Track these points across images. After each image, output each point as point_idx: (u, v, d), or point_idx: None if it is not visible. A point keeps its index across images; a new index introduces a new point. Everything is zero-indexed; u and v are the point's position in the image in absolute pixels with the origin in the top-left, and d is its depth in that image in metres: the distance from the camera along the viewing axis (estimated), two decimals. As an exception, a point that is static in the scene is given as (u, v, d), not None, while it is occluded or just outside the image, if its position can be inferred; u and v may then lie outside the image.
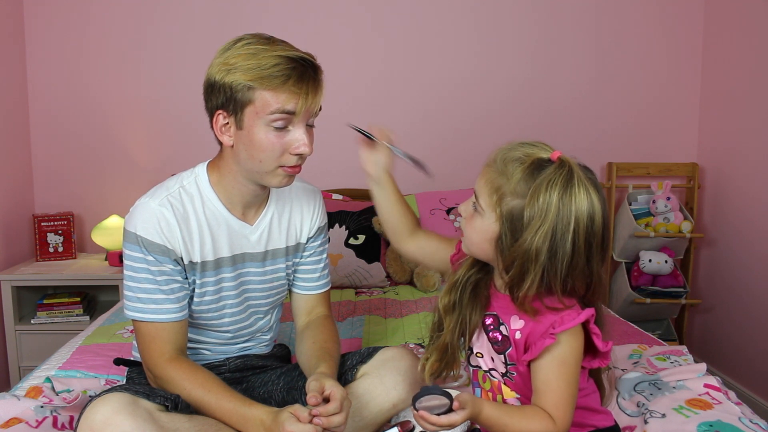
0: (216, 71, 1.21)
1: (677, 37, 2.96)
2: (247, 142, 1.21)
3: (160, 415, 1.10)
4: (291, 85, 1.17)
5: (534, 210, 0.96)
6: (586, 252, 0.97)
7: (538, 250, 0.96)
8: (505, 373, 1.08)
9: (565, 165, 0.97)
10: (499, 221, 1.00)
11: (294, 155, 1.23)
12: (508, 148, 1.03)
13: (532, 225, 0.96)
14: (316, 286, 1.49)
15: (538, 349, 1.00)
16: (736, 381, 2.67)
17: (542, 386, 1.01)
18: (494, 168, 1.03)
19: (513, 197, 0.99)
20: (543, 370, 1.01)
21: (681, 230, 2.76)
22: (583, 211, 0.96)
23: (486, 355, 1.11)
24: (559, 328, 0.99)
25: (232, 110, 1.21)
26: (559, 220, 0.95)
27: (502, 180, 1.00)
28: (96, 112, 2.89)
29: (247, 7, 2.86)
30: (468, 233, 1.07)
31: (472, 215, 1.06)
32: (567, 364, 1.00)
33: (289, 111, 1.19)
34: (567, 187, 0.96)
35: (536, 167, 0.98)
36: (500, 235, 1.00)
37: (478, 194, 1.04)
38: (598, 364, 1.06)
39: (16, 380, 2.52)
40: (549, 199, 0.95)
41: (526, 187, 0.97)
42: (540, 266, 0.96)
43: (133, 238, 1.25)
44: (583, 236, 0.96)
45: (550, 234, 0.95)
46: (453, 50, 2.94)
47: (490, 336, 1.09)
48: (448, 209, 2.72)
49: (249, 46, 1.19)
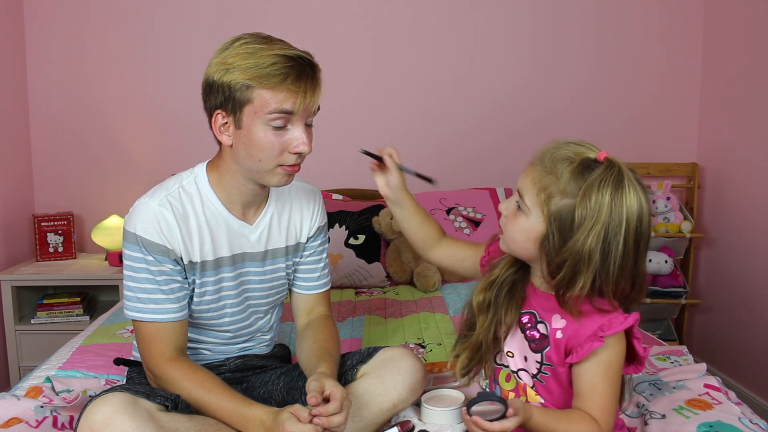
0: (214, 71, 1.21)
1: (677, 37, 2.96)
2: (246, 141, 1.22)
3: (160, 415, 1.10)
4: (289, 84, 1.17)
5: (586, 210, 0.95)
6: (634, 252, 0.97)
7: (591, 252, 0.95)
8: (536, 374, 1.07)
9: (614, 165, 0.97)
10: (547, 221, 0.99)
11: (293, 154, 1.23)
12: (555, 147, 1.02)
13: (585, 226, 0.95)
14: (316, 286, 1.49)
15: (585, 351, 0.99)
16: (736, 381, 2.67)
17: (588, 389, 1.01)
18: (541, 167, 1.01)
19: (562, 197, 0.98)
20: (589, 372, 1.00)
21: (681, 230, 2.76)
22: (634, 211, 0.96)
23: (518, 354, 1.10)
24: (609, 331, 0.98)
25: (230, 110, 1.21)
26: (611, 220, 0.95)
27: (550, 179, 0.99)
28: (96, 112, 2.90)
29: (247, 8, 2.86)
30: (510, 232, 1.06)
31: (516, 214, 1.04)
32: (613, 367, 1.00)
33: (287, 110, 1.19)
34: (618, 187, 0.95)
35: (585, 167, 0.98)
36: (547, 235, 1.00)
37: (523, 193, 1.03)
38: (633, 370, 1.05)
39: (16, 380, 2.52)
40: (601, 199, 0.95)
41: (576, 187, 0.97)
42: (593, 268, 0.96)
43: (133, 238, 1.25)
44: (633, 237, 0.96)
45: (603, 234, 0.95)
46: (451, 50, 2.94)
47: (527, 334, 1.08)
48: (448, 209, 2.72)
49: (247, 46, 1.19)
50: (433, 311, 2.11)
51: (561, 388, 1.06)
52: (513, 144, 2.95)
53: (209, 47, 1.29)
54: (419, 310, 2.13)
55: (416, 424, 1.30)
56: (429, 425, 1.29)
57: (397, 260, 2.51)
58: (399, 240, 2.52)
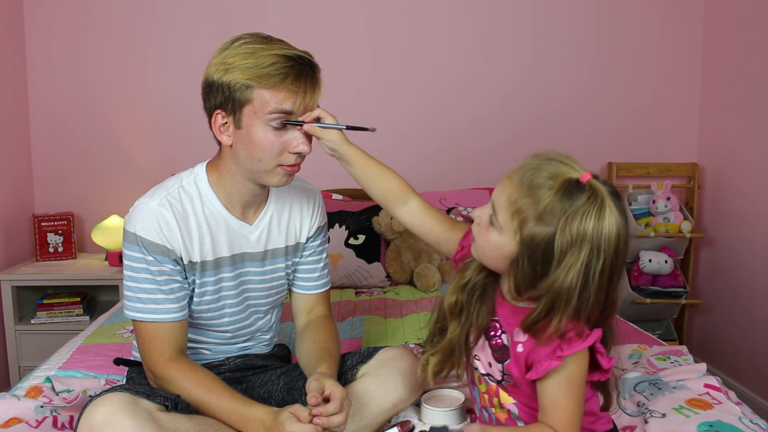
0: (214, 71, 1.21)
1: (677, 37, 2.96)
2: (246, 141, 1.22)
3: (160, 414, 1.10)
4: (289, 83, 1.17)
5: (567, 243, 0.91)
6: (608, 284, 0.94)
7: (571, 290, 0.91)
8: (500, 381, 1.07)
9: (597, 194, 0.91)
10: (519, 245, 0.95)
11: (293, 154, 1.23)
12: (535, 166, 0.96)
13: (565, 262, 0.91)
14: (316, 286, 1.49)
15: (543, 369, 0.96)
16: (736, 381, 2.67)
17: (550, 405, 0.99)
18: (519, 186, 0.96)
19: (537, 223, 0.93)
20: (550, 389, 0.98)
21: (681, 230, 2.75)
22: (612, 241, 0.91)
23: (483, 359, 1.09)
24: (567, 351, 0.95)
25: (230, 110, 1.21)
26: (592, 255, 0.91)
27: (526, 203, 0.94)
28: (96, 112, 2.89)
29: (247, 9, 2.86)
30: (481, 244, 1.02)
31: (488, 227, 1.00)
32: (575, 382, 0.98)
33: (287, 111, 1.19)
34: (600, 219, 0.91)
35: (565, 192, 0.92)
36: (517, 258, 0.96)
37: (497, 210, 0.98)
38: (598, 377, 1.04)
39: (16, 380, 2.52)
40: (583, 232, 0.90)
41: (554, 215, 0.92)
42: (571, 307, 0.92)
43: (133, 238, 1.25)
44: (609, 269, 0.92)
45: (584, 271, 0.91)
46: (451, 50, 2.94)
47: (491, 342, 1.07)
48: (448, 209, 2.72)
49: (246, 46, 1.19)
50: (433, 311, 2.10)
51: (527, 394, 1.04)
52: (513, 144, 2.94)
53: (209, 47, 1.29)
54: (419, 310, 2.13)
55: (416, 424, 1.29)
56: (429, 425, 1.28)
57: (397, 260, 2.51)
58: (399, 240, 2.53)
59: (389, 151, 2.97)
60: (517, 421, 1.07)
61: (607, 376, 1.04)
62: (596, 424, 1.10)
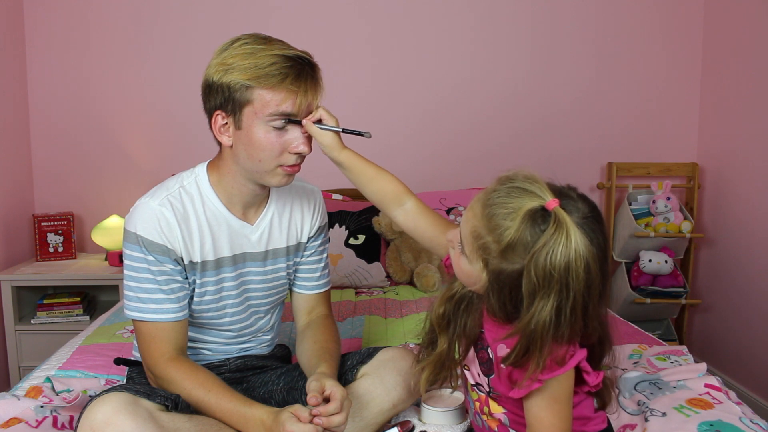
0: (214, 71, 1.21)
1: (677, 37, 2.96)
2: (246, 141, 1.22)
3: (161, 414, 1.10)
4: (289, 84, 1.17)
5: (533, 285, 0.87)
6: (582, 312, 0.90)
7: (545, 327, 0.88)
8: (488, 392, 1.06)
9: (561, 226, 0.86)
10: (487, 278, 0.93)
11: (293, 154, 1.23)
12: (497, 199, 0.92)
13: (535, 305, 0.88)
14: (317, 286, 1.49)
15: (525, 389, 0.94)
16: (736, 381, 2.67)
17: (535, 422, 0.98)
18: (481, 221, 0.93)
19: (501, 260, 0.90)
20: (534, 408, 0.97)
21: (681, 230, 2.76)
22: (581, 276, 0.87)
23: (473, 370, 1.08)
24: (547, 375, 0.92)
25: (230, 110, 1.21)
26: (562, 294, 0.87)
27: (489, 239, 0.91)
28: (96, 113, 2.89)
29: (247, 12, 2.86)
30: (455, 267, 1.01)
31: (459, 254, 0.99)
32: (559, 401, 0.96)
33: (287, 113, 1.19)
34: (565, 253, 0.86)
35: (528, 226, 0.88)
36: (487, 291, 0.94)
37: (464, 242, 0.96)
38: (588, 389, 1.02)
39: (16, 380, 2.52)
40: (548, 273, 0.86)
41: (516, 253, 0.89)
42: (548, 343, 0.89)
43: (134, 238, 1.25)
44: (581, 302, 0.89)
45: (555, 312, 0.87)
46: (452, 52, 2.94)
47: (479, 355, 1.06)
48: (448, 209, 2.72)
49: (246, 46, 1.19)
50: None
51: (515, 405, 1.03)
52: (513, 144, 2.95)
53: (209, 47, 1.29)
54: (419, 310, 2.13)
55: (416, 424, 1.30)
56: (429, 425, 1.28)
57: (397, 260, 2.51)
58: (399, 240, 2.53)
59: (390, 151, 2.97)
60: (508, 429, 1.06)
61: (597, 389, 1.01)
62: (588, 425, 1.08)
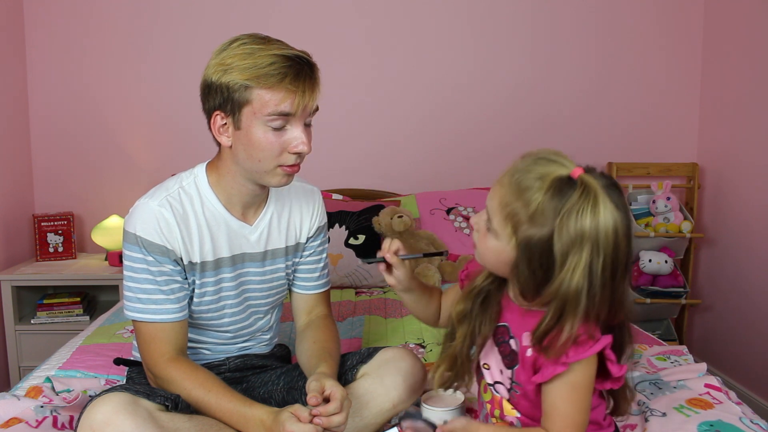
0: (212, 72, 1.21)
1: (677, 37, 2.96)
2: (246, 142, 1.22)
3: (161, 414, 1.10)
4: (288, 83, 1.17)
5: (566, 244, 0.88)
6: (612, 281, 0.91)
7: (578, 293, 0.89)
8: (509, 389, 1.05)
9: (589, 189, 0.89)
10: (516, 249, 0.93)
11: (292, 154, 1.23)
12: (524, 168, 0.94)
13: (569, 263, 0.89)
14: (316, 286, 1.49)
15: (549, 374, 0.95)
16: (736, 381, 2.67)
17: (550, 409, 0.97)
18: (509, 189, 0.94)
19: (531, 225, 0.91)
20: (552, 393, 0.97)
21: (681, 230, 2.75)
22: (610, 237, 0.89)
23: (494, 367, 1.07)
24: (573, 357, 0.93)
25: (229, 110, 1.21)
26: (593, 254, 0.88)
27: (518, 205, 0.92)
28: (96, 113, 2.89)
29: (247, 13, 2.86)
30: (481, 250, 1.01)
31: (486, 233, 0.99)
32: (578, 389, 0.96)
33: (286, 112, 1.19)
34: (595, 214, 0.88)
35: (556, 191, 0.90)
36: (516, 262, 0.94)
37: (491, 215, 0.97)
38: (610, 385, 1.01)
39: (16, 380, 2.52)
40: (580, 231, 0.88)
41: (546, 217, 0.90)
42: (582, 308, 0.90)
43: (133, 238, 1.25)
44: (610, 267, 0.90)
45: (588, 271, 0.88)
46: (452, 51, 2.94)
47: (500, 348, 1.06)
48: (448, 209, 2.72)
49: (245, 46, 1.19)
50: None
51: (533, 405, 1.03)
52: (514, 144, 2.94)
53: (209, 47, 1.29)
54: (419, 310, 2.13)
55: (416, 425, 1.29)
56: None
57: (397, 260, 2.51)
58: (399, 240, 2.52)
59: (390, 151, 2.98)
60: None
61: (619, 385, 1.01)
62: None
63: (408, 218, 2.48)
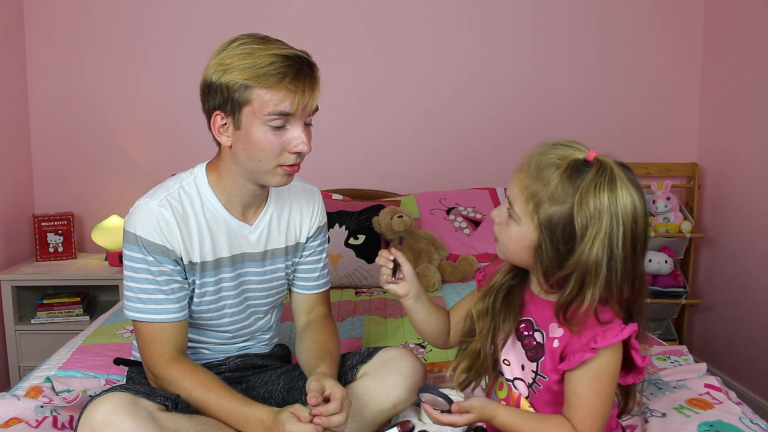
0: (212, 72, 1.21)
1: (677, 37, 2.96)
2: (246, 141, 1.22)
3: (161, 414, 1.10)
4: (287, 83, 1.17)
5: (586, 218, 0.92)
6: (633, 254, 0.94)
7: (599, 262, 0.92)
8: (531, 384, 1.06)
9: (605, 166, 0.94)
10: (538, 229, 0.96)
11: (292, 154, 1.23)
12: (541, 152, 0.98)
13: (588, 234, 0.92)
14: (316, 286, 1.49)
15: (576, 361, 0.96)
16: (736, 381, 2.67)
17: (573, 397, 0.99)
18: (528, 173, 0.98)
19: (551, 204, 0.94)
20: (576, 381, 0.98)
21: (681, 230, 2.75)
22: (629, 212, 0.93)
23: (515, 363, 1.08)
24: (601, 343, 0.95)
25: (229, 110, 1.21)
26: (613, 225, 0.92)
27: (537, 186, 0.96)
28: (96, 113, 2.89)
29: (248, 13, 2.86)
30: (503, 240, 1.03)
31: (507, 222, 1.02)
32: (602, 378, 0.98)
33: (286, 112, 1.19)
34: (613, 189, 0.92)
35: (574, 170, 0.94)
36: (539, 243, 0.97)
37: (513, 201, 1.00)
38: (632, 379, 1.03)
39: (16, 380, 2.52)
40: (600, 204, 0.91)
41: (566, 193, 0.94)
42: (601, 279, 0.92)
43: (133, 238, 1.25)
44: (631, 239, 0.93)
45: (607, 241, 0.91)
46: (452, 51, 2.94)
47: (524, 343, 1.06)
48: (448, 209, 2.72)
49: (244, 46, 1.19)
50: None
51: (553, 400, 1.04)
52: (514, 144, 2.94)
53: (209, 48, 1.29)
54: (419, 310, 2.13)
55: (416, 424, 1.29)
56: (429, 425, 1.28)
57: (397, 260, 2.51)
58: (399, 240, 2.52)
59: (390, 151, 2.97)
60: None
61: (640, 378, 1.03)
62: None
63: (408, 218, 2.48)
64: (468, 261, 2.49)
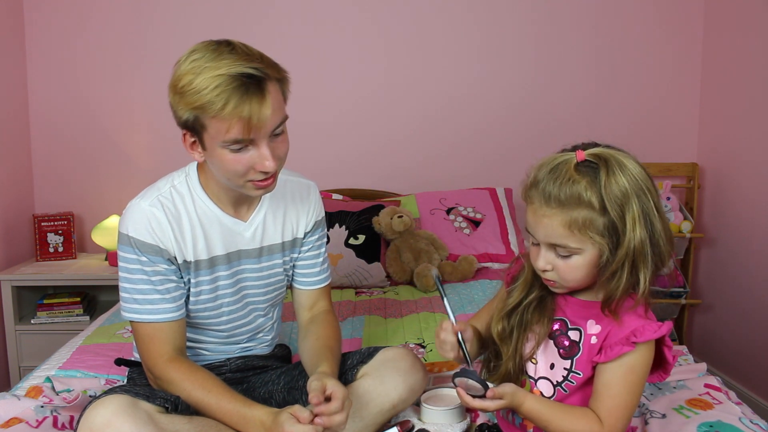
0: (171, 92, 1.20)
1: (677, 38, 2.95)
2: (213, 161, 1.21)
3: (160, 416, 1.10)
4: (231, 110, 1.11)
5: (618, 209, 0.95)
6: (660, 216, 0.98)
7: (643, 242, 0.95)
8: (561, 382, 1.07)
9: (601, 156, 0.97)
10: (599, 244, 0.97)
11: (260, 172, 1.20)
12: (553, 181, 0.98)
13: (627, 222, 0.95)
14: (317, 281, 1.49)
15: (614, 353, 0.98)
16: (736, 381, 2.67)
17: (602, 389, 1.00)
18: (560, 208, 0.98)
19: (598, 215, 0.96)
20: (608, 372, 1.00)
21: (681, 230, 2.75)
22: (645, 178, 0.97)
23: (543, 362, 1.09)
24: (641, 337, 0.98)
25: (193, 133, 1.20)
26: (641, 198, 0.96)
27: (584, 212, 0.97)
28: (96, 112, 2.89)
29: (246, 13, 2.85)
30: (568, 276, 1.02)
31: (564, 260, 1.01)
32: (635, 372, 0.99)
33: (238, 140, 1.15)
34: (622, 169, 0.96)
35: (584, 176, 0.97)
36: (602, 253, 0.98)
37: (562, 241, 0.99)
38: (657, 378, 1.05)
39: (16, 380, 2.52)
40: (619, 189, 0.95)
41: (599, 199, 0.96)
42: (649, 256, 0.96)
43: (126, 239, 1.25)
44: (658, 200, 0.98)
45: (643, 219, 0.95)
46: (455, 54, 2.94)
47: (557, 341, 1.08)
48: (448, 209, 2.72)
49: (195, 62, 1.15)
50: (433, 311, 2.10)
51: (581, 400, 1.05)
52: (513, 146, 2.95)
53: (209, 47, 1.28)
54: (419, 310, 2.13)
55: (416, 424, 1.30)
56: (429, 425, 1.28)
57: (397, 260, 2.51)
58: (399, 240, 2.52)
59: (391, 152, 2.97)
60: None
61: (665, 377, 1.05)
62: None
63: (408, 218, 2.48)
64: (468, 261, 2.49)
